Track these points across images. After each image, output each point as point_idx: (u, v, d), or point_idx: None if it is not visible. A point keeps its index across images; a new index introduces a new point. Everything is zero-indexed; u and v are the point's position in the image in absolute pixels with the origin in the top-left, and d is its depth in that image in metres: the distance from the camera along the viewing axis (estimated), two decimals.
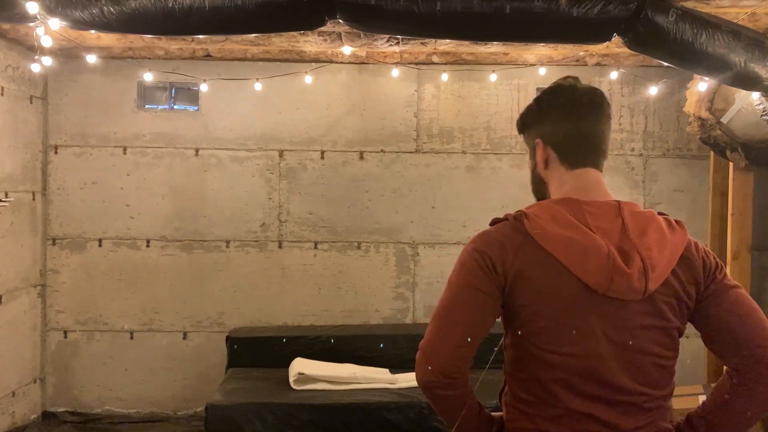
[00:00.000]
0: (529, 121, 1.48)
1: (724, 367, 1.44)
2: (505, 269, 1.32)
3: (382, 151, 4.68)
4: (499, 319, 1.41)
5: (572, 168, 1.42)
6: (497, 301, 1.34)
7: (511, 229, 1.36)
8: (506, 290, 1.33)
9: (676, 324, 1.36)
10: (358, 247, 4.68)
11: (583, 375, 1.31)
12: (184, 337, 4.65)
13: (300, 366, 4.00)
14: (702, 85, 3.71)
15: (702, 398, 3.74)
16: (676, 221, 1.38)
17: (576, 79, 1.47)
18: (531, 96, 4.67)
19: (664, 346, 1.35)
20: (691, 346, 4.68)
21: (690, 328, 1.40)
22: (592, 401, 1.31)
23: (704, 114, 3.81)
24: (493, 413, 1.47)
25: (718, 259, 1.41)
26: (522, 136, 1.53)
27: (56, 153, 4.61)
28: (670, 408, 1.40)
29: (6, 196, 4.11)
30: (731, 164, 4.10)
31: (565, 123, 1.42)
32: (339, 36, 3.84)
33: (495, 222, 1.41)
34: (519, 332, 1.34)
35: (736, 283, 1.40)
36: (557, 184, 1.44)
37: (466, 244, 1.39)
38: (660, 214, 1.39)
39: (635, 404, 1.33)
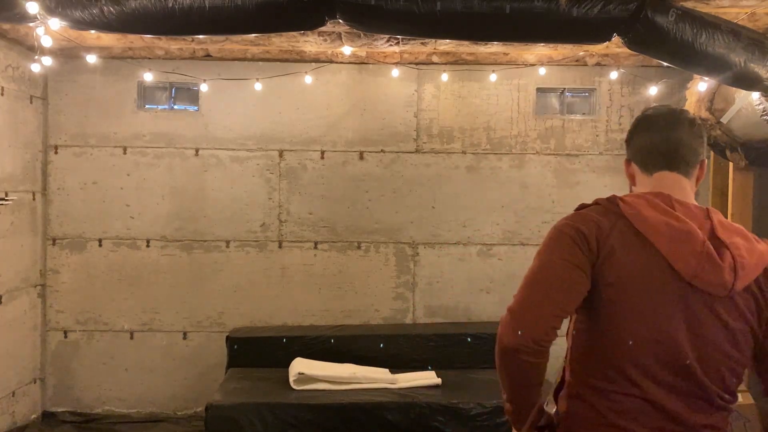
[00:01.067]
0: (627, 142, 1.58)
1: None
2: (599, 247, 1.35)
3: (382, 151, 4.68)
4: None
5: (650, 173, 1.49)
6: (588, 277, 1.35)
7: (604, 210, 1.40)
8: (596, 268, 1.35)
9: (756, 327, 1.37)
10: (358, 247, 4.68)
11: (660, 361, 1.32)
12: (184, 337, 4.65)
13: (300, 366, 4.00)
14: (702, 85, 3.71)
15: None
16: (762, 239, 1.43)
17: (666, 106, 1.56)
18: (531, 96, 4.68)
19: (739, 349, 1.36)
20: None
21: None
22: (667, 390, 1.32)
23: (704, 114, 3.81)
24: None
25: None
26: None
27: (56, 153, 4.61)
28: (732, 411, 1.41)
29: (6, 196, 4.11)
30: (731, 164, 4.10)
31: (642, 139, 1.52)
32: (339, 36, 3.84)
33: (582, 207, 1.45)
34: (601, 313, 1.35)
35: None
36: (640, 189, 1.51)
37: (556, 223, 1.42)
38: None
39: (707, 400, 1.34)
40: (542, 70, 4.49)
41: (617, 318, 1.34)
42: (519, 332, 1.33)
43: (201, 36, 3.85)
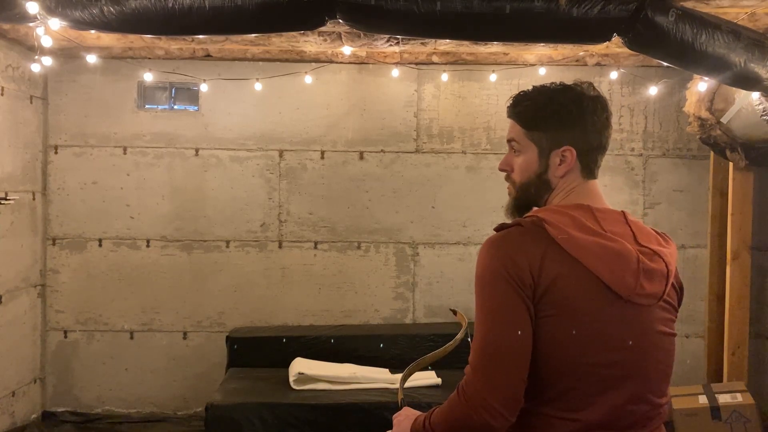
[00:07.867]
0: (555, 121, 1.37)
1: None
2: (535, 281, 1.25)
3: (382, 151, 4.68)
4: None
5: (587, 178, 1.40)
6: (532, 326, 1.27)
7: (531, 236, 1.28)
8: (534, 303, 1.26)
9: (674, 332, 1.37)
10: (358, 247, 4.68)
11: (604, 385, 1.28)
12: (184, 337, 4.65)
13: (300, 366, 4.00)
14: (702, 85, 3.71)
15: (702, 398, 3.74)
16: (664, 233, 1.41)
17: (589, 84, 1.41)
18: None
19: (669, 353, 1.35)
20: (691, 345, 4.69)
21: (690, 328, 1.41)
22: (609, 413, 1.28)
23: (704, 114, 3.81)
24: None
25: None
26: (527, 131, 1.39)
27: (56, 153, 4.61)
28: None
29: (6, 196, 4.11)
30: (731, 164, 4.10)
31: (594, 133, 1.38)
32: (339, 36, 3.84)
33: (502, 228, 1.33)
34: (539, 342, 1.27)
35: None
36: (564, 194, 1.39)
37: (485, 258, 1.29)
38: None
39: (645, 415, 1.32)
40: (542, 70, 4.49)
41: (557, 347, 1.26)
42: (504, 415, 1.26)
43: (201, 36, 3.85)
